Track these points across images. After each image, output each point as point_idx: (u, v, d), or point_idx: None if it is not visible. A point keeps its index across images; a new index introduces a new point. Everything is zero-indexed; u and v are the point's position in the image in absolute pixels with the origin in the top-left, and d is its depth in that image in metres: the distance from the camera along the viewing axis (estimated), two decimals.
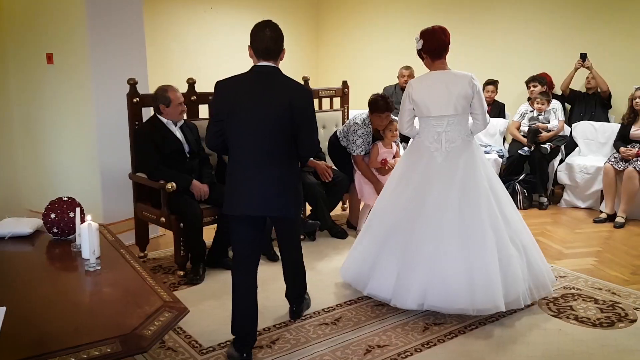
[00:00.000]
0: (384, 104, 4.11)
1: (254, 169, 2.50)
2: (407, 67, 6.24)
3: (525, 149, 5.26)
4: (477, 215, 2.97)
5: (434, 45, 3.08)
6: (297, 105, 2.50)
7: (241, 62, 3.43)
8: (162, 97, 3.51)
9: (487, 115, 3.14)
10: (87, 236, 2.16)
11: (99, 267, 2.19)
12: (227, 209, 2.56)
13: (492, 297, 2.86)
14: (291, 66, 3.72)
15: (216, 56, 6.66)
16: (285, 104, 2.48)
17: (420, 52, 3.14)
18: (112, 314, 1.78)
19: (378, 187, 4.03)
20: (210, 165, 3.80)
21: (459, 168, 3.04)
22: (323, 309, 3.08)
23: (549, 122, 5.38)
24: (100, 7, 3.88)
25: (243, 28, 3.28)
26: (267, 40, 2.50)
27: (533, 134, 5.29)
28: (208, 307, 3.11)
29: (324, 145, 4.66)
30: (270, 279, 3.32)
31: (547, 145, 5.21)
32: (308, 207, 4.27)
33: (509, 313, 3.03)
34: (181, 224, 3.41)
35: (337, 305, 3.14)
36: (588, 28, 5.66)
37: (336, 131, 4.47)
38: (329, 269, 3.67)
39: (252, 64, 2.57)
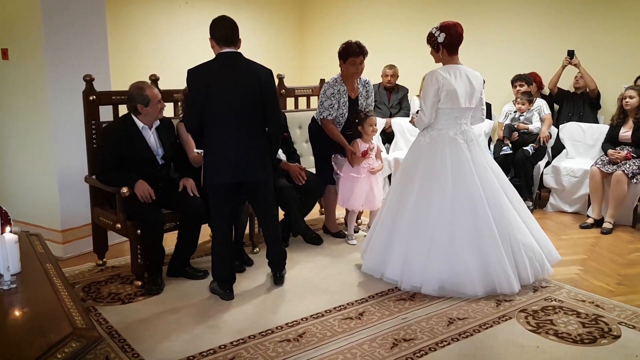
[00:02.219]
0: (357, 48, 3.85)
1: (236, 141, 2.92)
2: (391, 66, 6.06)
3: (505, 147, 5.08)
4: (517, 197, 3.36)
5: (454, 39, 3.21)
6: (265, 81, 2.96)
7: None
8: (139, 96, 3.22)
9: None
10: (0, 250, 1.93)
11: (14, 285, 1.96)
12: (213, 179, 2.97)
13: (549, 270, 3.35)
14: (274, 65, 3.48)
15: (191, 52, 6.40)
16: (255, 82, 2.92)
17: (438, 45, 3.24)
18: (11, 344, 1.54)
19: (348, 153, 3.95)
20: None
21: (485, 157, 3.31)
22: (287, 324, 2.87)
23: (531, 122, 5.19)
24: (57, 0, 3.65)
25: None
26: (226, 28, 2.93)
27: (508, 130, 5.14)
28: (163, 321, 2.89)
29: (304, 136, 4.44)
30: (241, 298, 3.16)
31: (529, 147, 5.02)
32: (281, 212, 4.05)
33: (484, 327, 2.84)
34: (138, 231, 3.19)
35: (302, 319, 2.92)
36: (577, 24, 5.48)
37: (313, 116, 4.20)
38: (298, 279, 3.45)
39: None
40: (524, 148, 5.01)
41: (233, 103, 2.89)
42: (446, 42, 3.21)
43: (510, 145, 5.10)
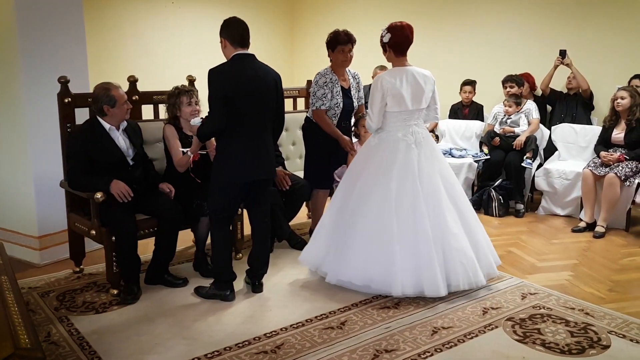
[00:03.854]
0: (345, 36, 3.80)
1: (257, 140, 2.99)
2: (382, 67, 5.95)
3: (480, 153, 5.05)
4: (466, 204, 3.32)
5: (400, 41, 3.20)
6: (279, 84, 3.08)
7: (207, 59, 3.18)
8: (105, 97, 3.12)
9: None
10: None
11: None
12: (235, 177, 2.97)
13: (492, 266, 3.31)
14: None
15: (178, 54, 6.32)
16: (273, 84, 3.02)
17: (385, 46, 3.26)
18: None
19: (344, 143, 3.84)
20: (157, 172, 3.49)
21: (433, 157, 3.27)
22: (265, 334, 2.77)
23: (518, 125, 5.09)
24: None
25: (208, 24, 3.10)
26: (241, 29, 2.96)
27: (488, 136, 5.08)
28: (136, 332, 2.79)
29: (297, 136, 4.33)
30: (219, 306, 3.08)
31: (527, 163, 4.89)
32: None
33: (469, 337, 2.74)
34: (113, 238, 3.08)
35: (281, 329, 2.82)
36: (570, 24, 5.39)
37: (307, 116, 4.07)
38: (280, 286, 3.35)
39: (230, 55, 2.95)
40: (523, 165, 4.89)
41: (256, 103, 2.96)
42: (391, 43, 3.20)
43: (486, 151, 5.05)
